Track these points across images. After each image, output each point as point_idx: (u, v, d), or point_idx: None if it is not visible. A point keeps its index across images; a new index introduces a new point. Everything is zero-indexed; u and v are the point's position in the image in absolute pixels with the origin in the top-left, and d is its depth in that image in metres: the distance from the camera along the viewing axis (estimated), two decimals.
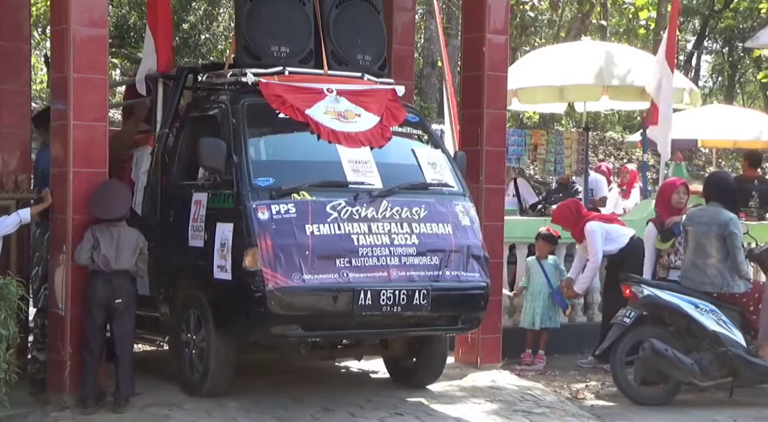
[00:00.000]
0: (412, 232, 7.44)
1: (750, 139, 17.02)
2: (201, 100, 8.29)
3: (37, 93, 21.23)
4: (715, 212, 8.37)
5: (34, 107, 11.75)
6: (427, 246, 7.45)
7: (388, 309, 7.21)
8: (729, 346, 8.12)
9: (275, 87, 7.79)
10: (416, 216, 7.51)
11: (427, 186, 7.76)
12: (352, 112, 7.89)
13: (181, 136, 8.22)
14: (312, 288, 7.07)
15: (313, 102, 7.79)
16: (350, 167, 7.55)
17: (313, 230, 7.17)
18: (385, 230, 7.36)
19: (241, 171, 7.28)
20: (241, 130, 7.48)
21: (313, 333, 7.30)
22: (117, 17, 22.17)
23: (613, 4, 24.73)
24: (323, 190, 7.37)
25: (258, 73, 7.83)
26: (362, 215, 7.34)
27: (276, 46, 7.96)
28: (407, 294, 7.25)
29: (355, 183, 7.48)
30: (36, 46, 22.30)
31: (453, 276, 7.50)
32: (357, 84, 8.16)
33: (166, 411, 7.37)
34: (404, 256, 7.35)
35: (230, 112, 7.62)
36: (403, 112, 8.15)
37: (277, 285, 6.98)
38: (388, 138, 7.85)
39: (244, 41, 7.95)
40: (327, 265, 7.13)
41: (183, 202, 7.87)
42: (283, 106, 7.69)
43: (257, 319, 7.09)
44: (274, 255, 7.03)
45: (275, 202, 7.18)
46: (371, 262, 7.24)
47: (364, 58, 8.30)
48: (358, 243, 7.24)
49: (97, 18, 7.59)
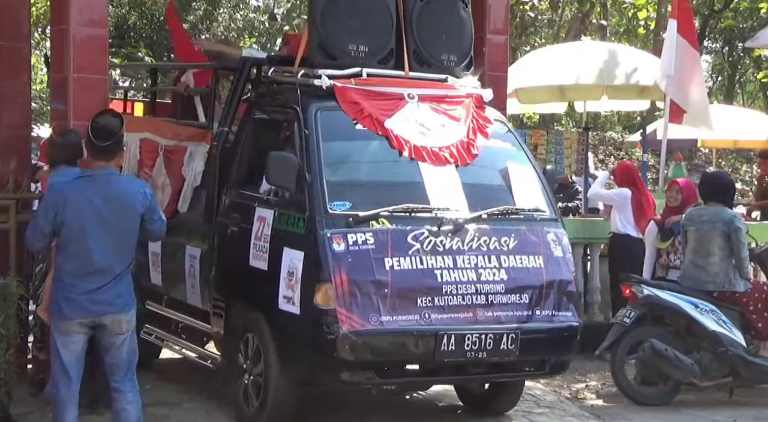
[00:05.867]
0: (501, 266, 6.68)
1: (750, 139, 17.27)
2: (266, 99, 7.46)
3: (37, 93, 21.53)
4: (718, 210, 8.35)
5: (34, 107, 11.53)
6: (516, 282, 6.70)
7: (472, 354, 6.48)
8: (729, 346, 8.10)
9: (352, 92, 6.96)
10: (505, 248, 6.74)
11: (518, 211, 6.97)
12: (436, 121, 7.07)
13: (242, 138, 7.43)
14: (390, 332, 6.33)
15: (393, 110, 6.98)
16: (434, 189, 6.76)
17: (392, 264, 6.41)
18: (471, 264, 6.60)
19: (315, 193, 6.51)
20: (314, 144, 6.68)
21: (389, 380, 6.56)
22: (117, 17, 22.21)
23: (613, 4, 24.55)
24: (404, 216, 6.60)
25: (333, 75, 7.00)
26: (446, 247, 6.57)
27: (354, 45, 7.12)
28: (494, 337, 6.51)
29: (439, 208, 6.69)
30: (36, 46, 22.58)
31: (544, 316, 6.74)
32: (440, 88, 7.33)
33: (166, 411, 7.25)
34: (492, 294, 6.60)
35: (302, 120, 6.80)
36: (490, 122, 7.32)
37: (353, 327, 6.24)
38: (474, 154, 7.03)
39: (319, 38, 7.09)
40: (407, 305, 6.38)
41: (243, 214, 7.11)
42: (360, 116, 6.88)
43: (327, 364, 6.37)
44: (350, 293, 6.28)
45: (352, 230, 6.42)
46: (455, 301, 6.50)
47: (449, 57, 7.45)
48: (442, 279, 6.49)
49: (97, 18, 7.54)
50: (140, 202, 5.82)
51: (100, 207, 5.70)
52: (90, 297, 5.69)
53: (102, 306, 5.71)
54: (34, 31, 20.25)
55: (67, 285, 5.71)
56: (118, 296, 5.76)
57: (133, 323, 5.92)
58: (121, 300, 5.77)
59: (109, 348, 5.83)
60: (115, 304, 5.75)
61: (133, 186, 5.93)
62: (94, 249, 5.67)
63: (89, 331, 5.77)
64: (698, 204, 9.04)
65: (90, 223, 5.68)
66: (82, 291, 5.68)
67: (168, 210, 7.85)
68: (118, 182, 5.85)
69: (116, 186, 5.79)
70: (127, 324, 5.83)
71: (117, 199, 5.76)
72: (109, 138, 5.75)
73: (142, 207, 5.81)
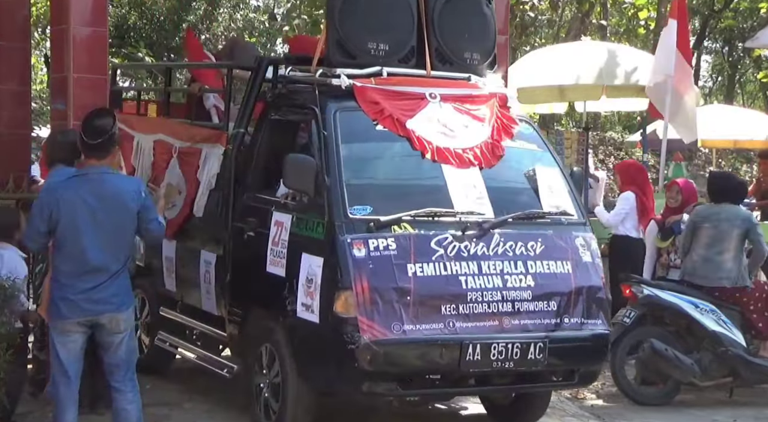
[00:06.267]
0: (527, 272, 6.42)
1: (750, 139, 17.35)
2: (283, 100, 7.22)
3: (37, 93, 21.59)
4: (733, 209, 8.38)
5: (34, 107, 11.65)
6: (544, 288, 6.43)
7: (498, 364, 6.22)
8: (729, 346, 8.08)
9: (372, 92, 6.71)
10: (532, 253, 6.48)
11: (545, 215, 6.71)
12: (459, 122, 6.82)
13: (258, 139, 7.19)
14: (413, 342, 6.08)
15: (414, 110, 6.72)
16: (458, 192, 6.50)
17: (415, 270, 6.16)
18: (497, 270, 6.34)
19: (335, 197, 6.26)
20: (333, 146, 6.44)
21: (412, 391, 6.31)
22: (117, 17, 22.21)
23: (613, 4, 24.57)
24: (427, 221, 6.35)
25: (352, 74, 6.76)
26: (471, 252, 6.32)
27: (374, 43, 6.87)
28: (521, 347, 6.25)
29: (464, 212, 6.43)
30: (36, 46, 22.70)
31: (573, 324, 6.48)
32: (463, 87, 7.07)
33: (166, 410, 7.24)
34: (518, 301, 6.34)
35: (320, 121, 6.56)
36: (514, 122, 7.05)
37: (374, 337, 5.99)
38: (499, 156, 6.78)
39: (338, 36, 6.84)
40: (431, 313, 6.13)
41: (260, 219, 6.88)
42: (381, 116, 6.63)
43: (348, 375, 6.12)
44: (372, 301, 6.03)
45: (373, 235, 6.16)
46: (481, 309, 6.24)
47: (472, 56, 7.19)
48: (467, 286, 6.24)
49: (97, 18, 7.53)
50: (134, 200, 5.76)
51: (94, 206, 5.67)
52: (86, 297, 5.67)
53: (99, 306, 5.69)
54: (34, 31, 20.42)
55: (64, 285, 5.71)
56: (115, 295, 5.73)
57: (131, 322, 5.92)
58: (117, 299, 5.74)
59: (108, 347, 5.80)
60: (112, 303, 5.72)
61: (127, 184, 5.89)
62: (88, 248, 5.65)
63: (87, 330, 5.76)
64: (698, 203, 9.08)
65: (84, 222, 5.66)
66: (78, 291, 5.67)
67: (183, 214, 7.66)
68: (112, 181, 5.80)
69: (110, 185, 5.76)
70: (124, 323, 5.79)
71: (111, 197, 5.72)
72: (99, 135, 5.71)
73: (136, 205, 5.75)
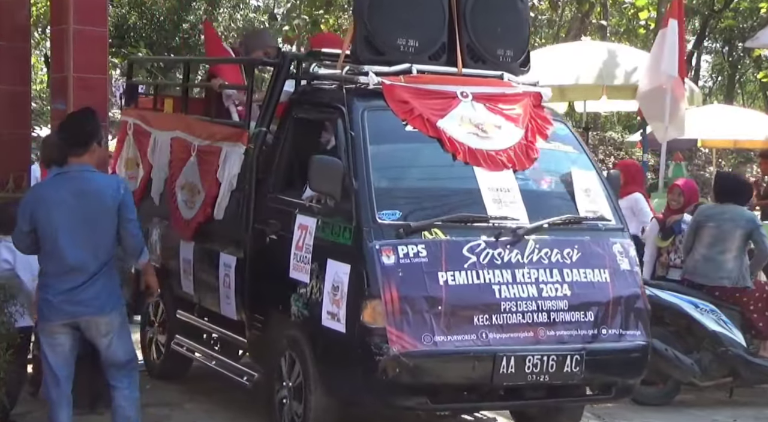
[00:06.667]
0: (564, 281, 6.12)
1: (750, 139, 17.24)
2: (308, 98, 6.93)
3: (37, 93, 21.86)
4: (738, 210, 8.35)
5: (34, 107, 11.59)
6: (580, 298, 6.13)
7: (533, 378, 5.93)
8: (729, 346, 8.02)
9: (401, 90, 6.42)
10: (568, 260, 6.18)
11: (582, 220, 6.42)
12: (491, 123, 6.52)
13: (282, 139, 6.90)
14: (444, 353, 5.79)
15: (445, 110, 6.43)
16: (491, 196, 6.20)
17: (447, 279, 5.87)
18: (532, 278, 6.05)
19: (363, 201, 5.97)
20: (361, 147, 6.14)
21: (443, 406, 6.03)
22: (117, 17, 22.38)
23: (613, 4, 24.57)
24: (459, 226, 6.06)
25: (381, 72, 6.47)
26: (505, 260, 6.02)
27: (403, 39, 6.59)
28: (557, 359, 5.96)
29: (497, 218, 6.14)
30: (36, 46, 23.03)
31: (611, 336, 6.18)
32: (496, 86, 6.78)
33: (166, 411, 7.27)
34: (554, 311, 6.04)
35: (347, 120, 6.27)
36: (549, 122, 6.76)
37: (404, 349, 5.70)
38: (534, 158, 6.48)
39: (366, 32, 6.56)
40: (463, 324, 5.84)
41: (283, 222, 6.60)
42: (410, 116, 6.34)
43: (375, 387, 5.83)
44: (401, 311, 5.74)
45: (403, 242, 5.87)
46: (515, 319, 5.95)
47: (504, 53, 6.90)
48: (500, 295, 5.94)
49: (97, 18, 7.57)
50: (112, 197, 5.69)
51: (73, 204, 5.62)
52: (66, 298, 5.63)
53: (78, 308, 5.65)
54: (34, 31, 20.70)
55: (46, 286, 5.71)
56: (95, 297, 5.66)
57: (115, 325, 5.77)
58: (98, 302, 5.66)
59: (99, 347, 5.78)
60: (92, 305, 5.65)
61: (106, 181, 5.84)
62: (66, 248, 5.61)
63: (74, 332, 5.72)
64: (700, 203, 9.06)
65: (62, 221, 5.62)
66: (58, 291, 5.64)
67: (202, 214, 7.39)
68: (93, 179, 5.74)
69: (90, 183, 5.70)
70: (106, 327, 5.72)
71: (89, 195, 5.67)
72: (74, 133, 5.74)
73: (114, 202, 5.68)
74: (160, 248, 8.15)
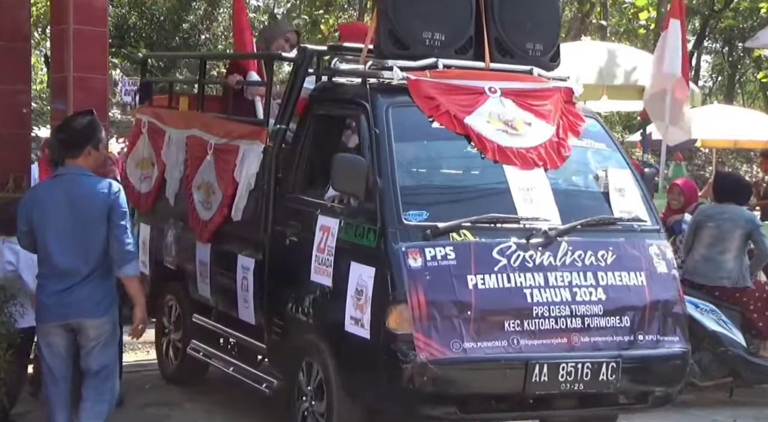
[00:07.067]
0: (598, 284, 5.85)
1: (750, 139, 17.25)
2: (329, 94, 6.67)
3: (37, 93, 21.70)
4: (737, 210, 8.30)
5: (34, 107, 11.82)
6: (616, 302, 5.86)
7: (567, 386, 5.66)
8: (729, 346, 7.97)
9: (427, 86, 6.16)
10: (603, 263, 5.91)
11: (616, 221, 6.14)
12: (521, 119, 6.25)
13: (302, 136, 6.64)
14: (474, 361, 5.52)
15: (473, 106, 6.16)
16: (521, 196, 5.94)
17: (476, 282, 5.60)
18: (565, 282, 5.78)
19: (388, 201, 5.70)
20: (386, 145, 5.88)
21: (472, 416, 5.74)
22: (117, 17, 22.33)
23: (613, 4, 24.57)
24: (488, 227, 5.79)
25: (405, 66, 6.21)
26: (537, 262, 5.76)
27: (429, 32, 6.32)
28: (592, 367, 5.69)
29: (528, 218, 5.88)
30: (36, 46, 23.08)
31: (648, 342, 5.90)
32: (525, 81, 6.51)
33: (166, 410, 7.31)
34: (588, 316, 5.77)
35: (371, 117, 6.01)
36: (581, 118, 6.49)
37: (432, 356, 5.44)
38: (565, 156, 6.21)
39: (390, 24, 6.29)
40: (493, 330, 5.58)
41: (304, 223, 6.34)
42: (437, 112, 6.08)
43: (402, 396, 5.57)
44: (428, 316, 5.48)
45: (430, 244, 5.61)
46: (548, 325, 5.68)
47: (534, 47, 6.62)
48: (532, 299, 5.68)
49: (97, 18, 7.63)
50: (104, 201, 5.59)
51: (64, 207, 5.56)
52: (57, 300, 5.59)
53: (68, 310, 5.59)
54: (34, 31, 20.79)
55: (41, 287, 5.70)
56: (85, 300, 5.58)
57: (105, 331, 5.66)
58: (88, 305, 5.58)
59: (82, 351, 5.68)
60: (81, 308, 5.58)
61: (99, 185, 5.68)
62: (55, 251, 5.58)
63: (68, 333, 5.65)
64: (700, 203, 9.12)
65: (52, 224, 5.58)
66: (50, 293, 5.62)
67: (219, 216, 7.13)
68: (86, 182, 5.64)
69: (82, 186, 5.62)
70: (95, 331, 5.62)
71: (81, 199, 5.59)
72: (66, 133, 5.67)
73: (104, 205, 5.58)
74: (176, 250, 7.91)
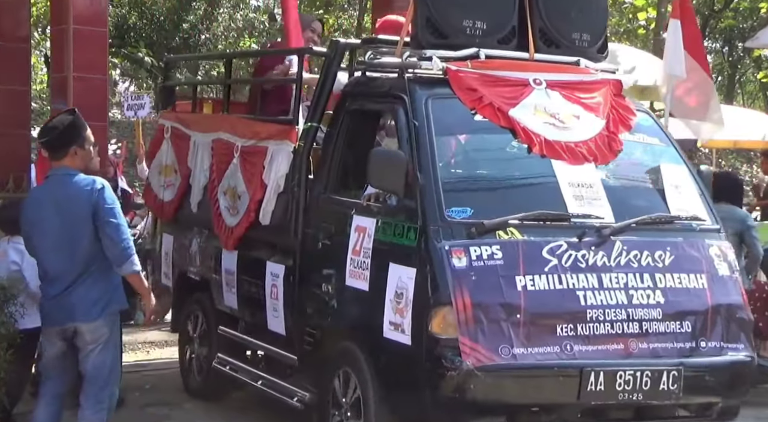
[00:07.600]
0: (656, 287, 5.45)
1: (750, 139, 16.79)
2: (364, 88, 6.31)
3: (37, 93, 21.88)
4: (730, 209, 8.11)
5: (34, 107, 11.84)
6: (676, 306, 5.46)
7: (625, 396, 5.25)
8: None
9: (468, 77, 5.79)
10: (660, 264, 5.50)
11: (673, 220, 5.73)
12: (569, 112, 5.87)
13: (336, 134, 6.27)
14: (524, 368, 5.12)
15: (517, 98, 5.79)
16: (571, 192, 5.55)
17: (525, 284, 5.21)
18: (621, 284, 5.38)
19: (429, 197, 5.33)
20: (427, 139, 5.51)
21: None
22: (117, 17, 22.22)
23: (613, 4, 23.85)
24: (537, 225, 5.40)
25: (445, 56, 5.84)
26: (590, 263, 5.36)
27: (470, 21, 5.96)
28: (651, 375, 5.27)
29: (579, 216, 5.48)
30: (36, 46, 22.97)
31: (711, 349, 5.49)
32: (572, 72, 6.14)
33: (166, 410, 7.33)
34: (646, 321, 5.37)
35: (410, 110, 5.64)
36: (632, 112, 6.11)
37: (479, 362, 5.04)
38: (617, 151, 5.82)
39: (428, 13, 5.92)
40: (544, 334, 5.18)
41: (338, 224, 5.97)
42: (479, 105, 5.70)
43: (447, 406, 5.16)
44: (475, 320, 5.09)
45: (475, 242, 5.23)
46: (603, 330, 5.28)
47: (581, 37, 6.26)
48: (586, 302, 5.28)
49: (97, 18, 7.71)
50: (86, 198, 5.41)
51: (51, 210, 5.44)
52: (55, 303, 5.50)
53: (63, 314, 5.49)
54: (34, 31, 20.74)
55: (42, 291, 5.66)
56: (78, 303, 5.45)
57: (102, 335, 5.49)
58: (81, 308, 5.44)
59: (80, 353, 5.55)
60: (74, 312, 5.46)
61: (83, 184, 5.49)
62: (43, 254, 5.52)
63: (67, 338, 5.53)
64: None
65: (40, 227, 5.49)
66: (48, 296, 5.56)
67: (246, 220, 6.76)
68: (71, 183, 5.47)
69: (67, 187, 5.46)
70: (91, 335, 5.47)
71: (66, 199, 5.44)
72: (46, 134, 5.54)
73: (89, 204, 5.39)
74: (200, 259, 7.55)
